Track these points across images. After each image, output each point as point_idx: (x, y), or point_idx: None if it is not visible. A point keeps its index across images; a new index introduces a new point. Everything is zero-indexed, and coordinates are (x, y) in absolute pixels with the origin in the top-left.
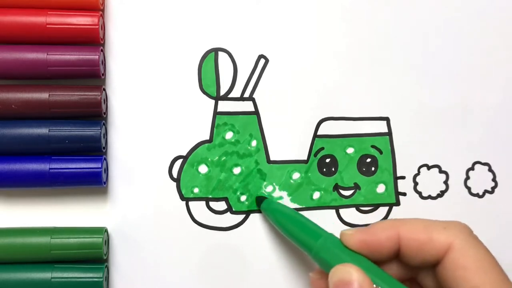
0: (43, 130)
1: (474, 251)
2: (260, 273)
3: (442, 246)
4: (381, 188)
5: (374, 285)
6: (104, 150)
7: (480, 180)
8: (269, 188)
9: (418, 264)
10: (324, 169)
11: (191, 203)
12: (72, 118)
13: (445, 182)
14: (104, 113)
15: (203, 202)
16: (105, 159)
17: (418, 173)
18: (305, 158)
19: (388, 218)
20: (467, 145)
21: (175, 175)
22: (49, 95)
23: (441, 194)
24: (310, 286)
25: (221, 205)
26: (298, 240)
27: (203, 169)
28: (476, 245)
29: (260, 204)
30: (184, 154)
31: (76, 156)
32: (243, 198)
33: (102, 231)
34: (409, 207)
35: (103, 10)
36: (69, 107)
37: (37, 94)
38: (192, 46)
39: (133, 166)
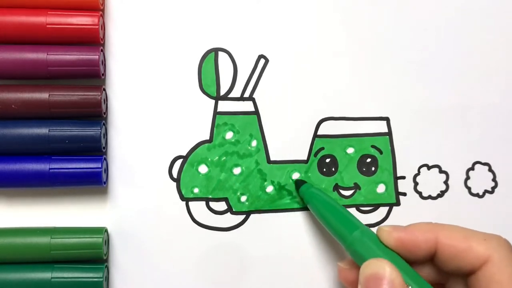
0: (43, 130)
1: (511, 268)
2: (260, 273)
3: (480, 257)
4: (381, 188)
5: (406, 284)
6: (104, 150)
7: (480, 180)
8: (270, 188)
9: (452, 270)
10: (324, 169)
11: (191, 203)
12: (72, 118)
13: (445, 182)
14: (104, 113)
15: (203, 202)
16: (105, 159)
17: (418, 173)
18: (305, 158)
19: (388, 218)
20: (467, 145)
21: (175, 175)
22: (49, 95)
23: (441, 194)
24: (338, 276)
25: (221, 205)
26: (334, 229)
27: (203, 169)
28: None
29: (299, 187)
30: (184, 154)
31: (76, 156)
32: (243, 198)
33: (102, 231)
34: (409, 207)
35: (103, 10)
36: (69, 107)
37: (37, 94)
38: (192, 46)
39: (133, 166)
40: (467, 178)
